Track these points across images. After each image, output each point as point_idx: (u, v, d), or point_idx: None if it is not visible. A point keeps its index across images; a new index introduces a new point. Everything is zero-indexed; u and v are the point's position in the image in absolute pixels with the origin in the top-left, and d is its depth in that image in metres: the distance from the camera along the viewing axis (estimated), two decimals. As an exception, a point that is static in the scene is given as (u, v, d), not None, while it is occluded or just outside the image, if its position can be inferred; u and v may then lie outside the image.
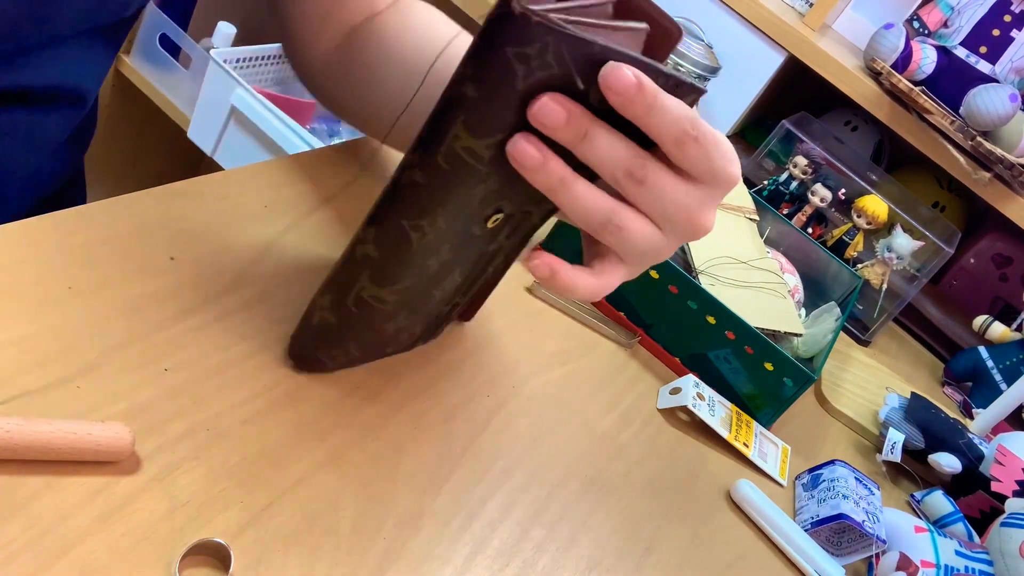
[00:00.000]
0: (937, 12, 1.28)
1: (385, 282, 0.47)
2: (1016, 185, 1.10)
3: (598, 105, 0.39)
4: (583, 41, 0.37)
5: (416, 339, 0.55)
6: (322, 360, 0.52)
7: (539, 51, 0.37)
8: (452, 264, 0.48)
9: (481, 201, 0.44)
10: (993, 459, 0.78)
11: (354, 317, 0.48)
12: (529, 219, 0.49)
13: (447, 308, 0.53)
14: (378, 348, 0.53)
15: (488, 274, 0.54)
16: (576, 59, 0.38)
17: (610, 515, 0.58)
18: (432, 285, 0.49)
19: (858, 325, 1.09)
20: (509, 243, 0.50)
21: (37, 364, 0.43)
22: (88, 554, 0.37)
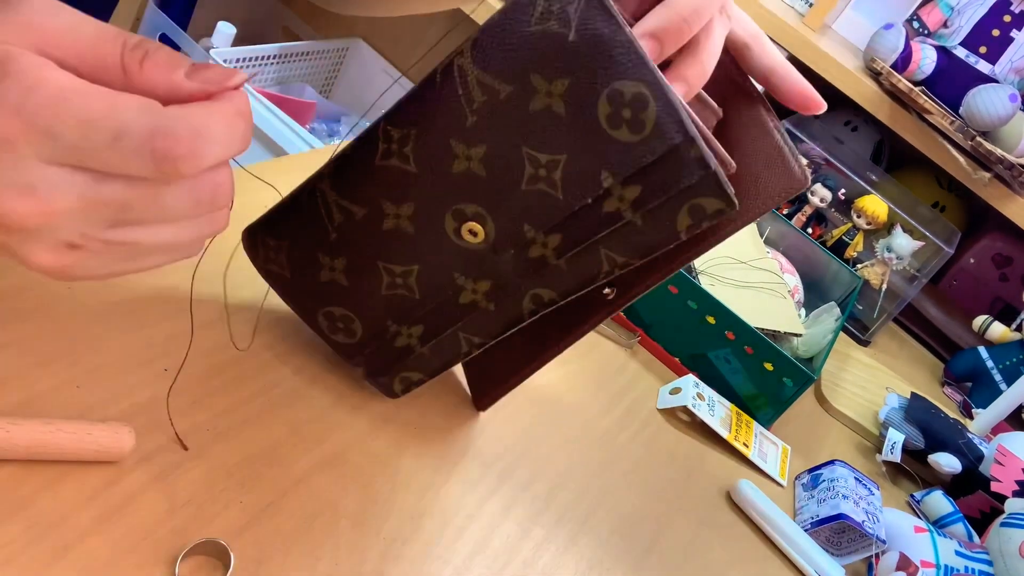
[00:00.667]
0: (937, 12, 1.28)
1: (337, 187, 0.45)
2: (1016, 185, 1.10)
3: None
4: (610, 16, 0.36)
5: (355, 346, 0.50)
6: (257, 242, 0.49)
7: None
8: (411, 246, 0.44)
9: (460, 179, 0.41)
10: (993, 459, 0.78)
11: (299, 207, 0.46)
12: (517, 302, 0.45)
13: (395, 331, 0.48)
14: (310, 292, 0.48)
15: (458, 350, 0.49)
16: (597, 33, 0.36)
17: (610, 515, 0.58)
18: (381, 251, 0.45)
19: (858, 325, 1.09)
20: (486, 312, 0.46)
21: (37, 364, 0.43)
22: (88, 554, 0.37)
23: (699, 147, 0.37)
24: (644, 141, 0.37)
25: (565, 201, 0.40)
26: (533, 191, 0.41)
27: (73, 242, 0.33)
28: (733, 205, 0.38)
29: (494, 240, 0.43)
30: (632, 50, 0.36)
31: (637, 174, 0.38)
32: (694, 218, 0.39)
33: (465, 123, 0.40)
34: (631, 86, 0.36)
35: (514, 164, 0.40)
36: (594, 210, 0.40)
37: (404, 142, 0.41)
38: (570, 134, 0.38)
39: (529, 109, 0.38)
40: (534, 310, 0.46)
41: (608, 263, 0.42)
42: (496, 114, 0.39)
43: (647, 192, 0.39)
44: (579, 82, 0.37)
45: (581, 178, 0.39)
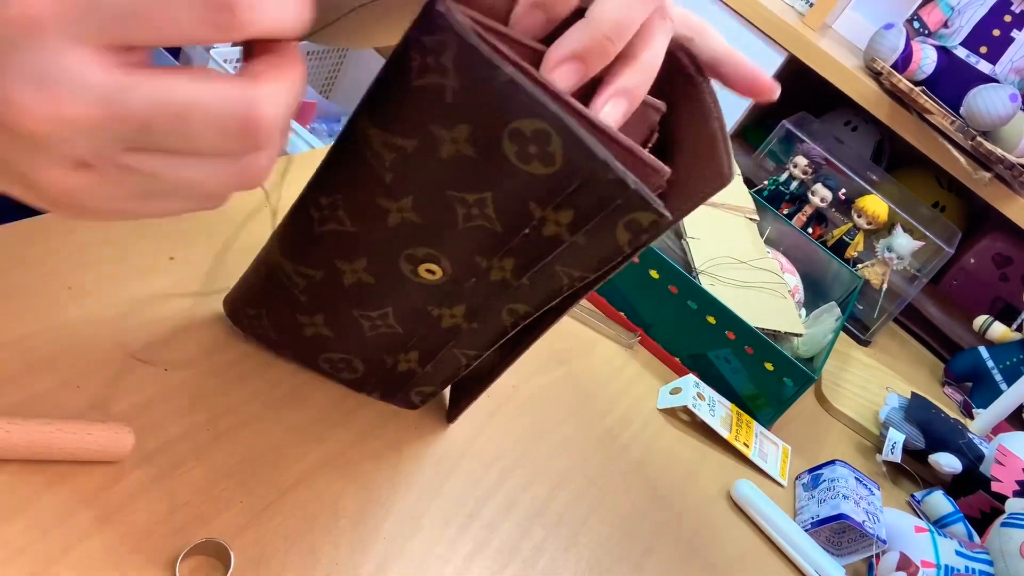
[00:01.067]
0: (937, 12, 1.28)
1: (288, 253, 0.45)
2: (1016, 185, 1.10)
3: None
4: (484, 59, 0.33)
5: (362, 380, 0.51)
6: (239, 312, 0.49)
7: (436, 45, 0.34)
8: (377, 292, 0.45)
9: (399, 229, 0.41)
10: (993, 459, 0.78)
11: (264, 281, 0.47)
12: (497, 318, 0.46)
13: (392, 361, 0.50)
14: (301, 345, 0.50)
15: (459, 363, 0.50)
16: (476, 77, 0.34)
17: (610, 515, 0.58)
18: (352, 302, 0.46)
19: (858, 325, 1.09)
20: (471, 330, 0.47)
21: (37, 364, 0.43)
22: (88, 554, 0.37)
23: (614, 170, 0.36)
24: (559, 172, 0.37)
25: (505, 233, 0.40)
26: (472, 227, 0.40)
27: (85, 160, 0.29)
28: (664, 216, 0.38)
29: (452, 274, 0.43)
30: (518, 90, 0.34)
31: (564, 201, 0.38)
32: (632, 232, 0.39)
33: (384, 181, 0.39)
34: (528, 123, 0.35)
35: (445, 207, 0.40)
36: (536, 236, 0.40)
37: (334, 207, 0.41)
38: (487, 173, 0.38)
39: (440, 157, 0.38)
40: (515, 322, 0.46)
41: (567, 278, 0.42)
42: (410, 167, 0.38)
43: (579, 216, 0.38)
44: (478, 127, 0.36)
45: (512, 210, 0.39)
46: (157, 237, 0.54)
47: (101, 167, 0.29)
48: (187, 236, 0.56)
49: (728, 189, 0.96)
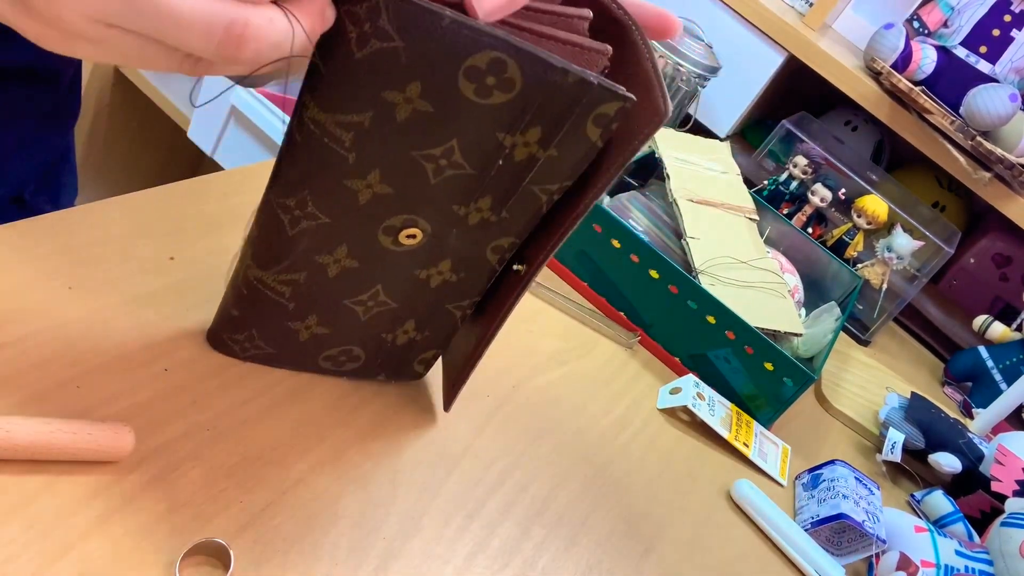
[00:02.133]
0: (937, 12, 1.28)
1: (266, 265, 0.44)
2: (1016, 185, 1.10)
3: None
4: (423, 9, 0.33)
5: (366, 366, 0.52)
6: (225, 342, 0.49)
7: (369, 12, 0.34)
8: (363, 275, 0.45)
9: (373, 204, 0.41)
10: (993, 459, 0.78)
11: (247, 300, 0.46)
12: (482, 260, 0.46)
13: (391, 337, 0.50)
14: (299, 352, 0.50)
15: (454, 318, 0.50)
16: (416, 32, 0.34)
17: (610, 515, 0.58)
18: (341, 293, 0.46)
19: (858, 325, 1.09)
20: (460, 280, 0.47)
21: (37, 364, 0.43)
22: (88, 554, 0.37)
23: (574, 72, 0.36)
24: (520, 94, 0.37)
25: (477, 173, 0.41)
26: (444, 179, 0.41)
27: None
28: (629, 99, 0.38)
29: (432, 231, 0.43)
30: (463, 27, 0.34)
31: (530, 120, 0.38)
32: (601, 125, 0.39)
33: (348, 162, 0.39)
34: (481, 57, 0.35)
35: (414, 169, 0.40)
36: (508, 164, 0.41)
37: (303, 205, 0.41)
38: (448, 122, 0.38)
39: (398, 121, 0.38)
40: (501, 258, 0.47)
41: (545, 195, 0.43)
42: (371, 141, 0.38)
43: (547, 129, 0.39)
44: (430, 78, 0.36)
45: (481, 149, 0.40)
46: (157, 237, 0.54)
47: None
48: (187, 236, 0.56)
49: (728, 189, 0.96)
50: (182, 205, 0.58)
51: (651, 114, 0.38)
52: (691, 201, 0.90)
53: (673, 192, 0.90)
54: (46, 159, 0.71)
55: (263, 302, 0.46)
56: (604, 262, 0.78)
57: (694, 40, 1.16)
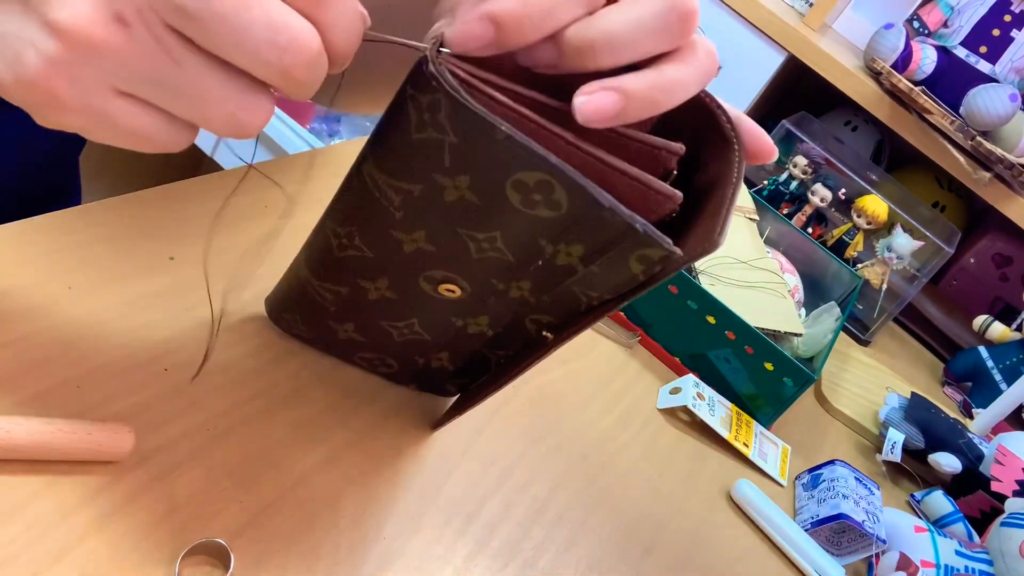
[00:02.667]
0: (937, 12, 1.28)
1: (315, 272, 0.46)
2: (1016, 185, 1.10)
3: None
4: (479, 117, 0.33)
5: (398, 374, 0.53)
6: (278, 314, 0.52)
7: (430, 104, 0.34)
8: (401, 307, 0.46)
9: (415, 255, 0.42)
10: (993, 459, 0.78)
11: (296, 292, 0.48)
12: (520, 326, 0.46)
13: (424, 360, 0.51)
14: (336, 346, 0.52)
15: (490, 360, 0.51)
16: (470, 135, 0.34)
17: (610, 515, 0.58)
18: (378, 314, 0.47)
19: (858, 325, 1.09)
20: (498, 335, 0.48)
21: (37, 364, 0.43)
22: (88, 554, 0.37)
23: (621, 214, 0.36)
24: (566, 215, 0.37)
25: (518, 262, 0.41)
26: (485, 258, 0.41)
27: (123, 14, 0.27)
28: (674, 252, 0.37)
29: (471, 292, 0.44)
30: (516, 145, 0.34)
31: (573, 237, 0.38)
32: (644, 264, 0.39)
33: (395, 217, 0.40)
34: (530, 175, 0.35)
35: (457, 241, 0.40)
36: (549, 266, 0.40)
37: (351, 237, 0.43)
38: (493, 216, 0.38)
39: (445, 200, 0.38)
40: (539, 329, 0.46)
41: (585, 297, 0.43)
42: (418, 208, 0.39)
43: (590, 250, 0.39)
44: (479, 177, 0.36)
45: (523, 245, 0.39)
46: (157, 237, 0.54)
47: (135, 29, 0.28)
48: (187, 236, 0.56)
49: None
50: (182, 205, 0.58)
51: (703, 240, 0.37)
52: (691, 201, 0.90)
53: (673, 192, 0.90)
54: (56, 177, 0.71)
55: (308, 299, 0.48)
56: (604, 262, 0.78)
57: (694, 40, 1.16)
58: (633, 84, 0.33)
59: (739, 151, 0.39)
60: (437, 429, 0.55)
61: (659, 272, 0.39)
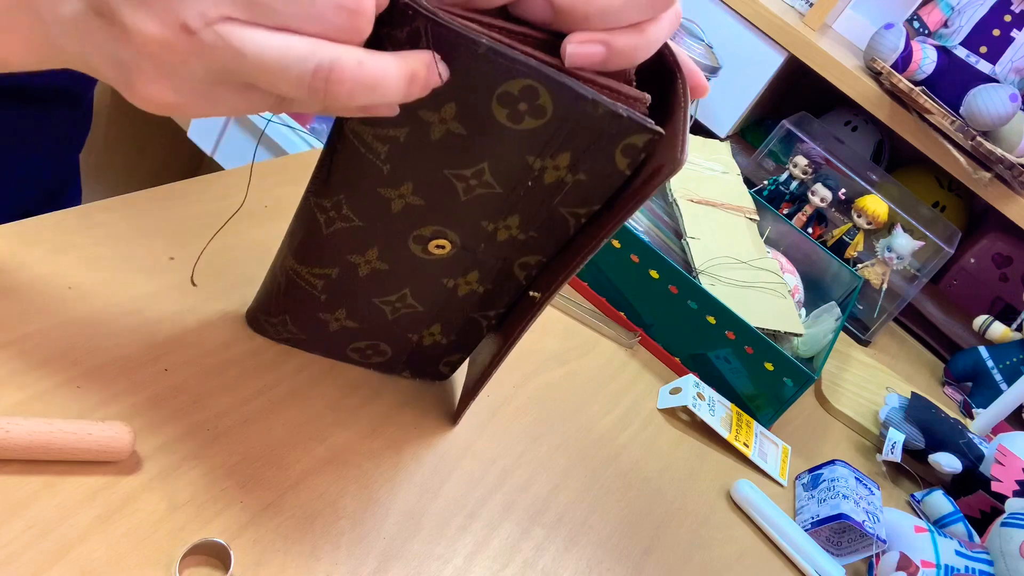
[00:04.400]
0: (937, 12, 1.28)
1: (303, 260, 0.47)
2: (1016, 185, 1.10)
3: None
4: (461, 35, 0.34)
5: (392, 362, 0.54)
6: (261, 323, 0.52)
7: (410, 35, 0.35)
8: (392, 277, 0.47)
9: (404, 213, 0.42)
10: (993, 459, 0.78)
11: (282, 288, 0.49)
12: (509, 275, 0.47)
13: (417, 338, 0.52)
14: (327, 341, 0.52)
15: (480, 326, 0.52)
16: (456, 55, 0.35)
17: (610, 515, 0.58)
18: (370, 291, 0.48)
19: (858, 325, 1.09)
20: (488, 291, 0.49)
21: (37, 364, 0.43)
22: (88, 554, 0.37)
23: (604, 104, 0.37)
24: (551, 121, 0.38)
25: (506, 193, 0.42)
26: (473, 197, 0.42)
27: (187, 22, 0.30)
28: (659, 132, 0.39)
29: (461, 244, 0.45)
30: (499, 56, 0.35)
31: (560, 145, 0.39)
32: (629, 155, 0.40)
33: (383, 172, 0.41)
34: (515, 84, 0.36)
35: (445, 185, 0.41)
36: (537, 186, 0.42)
37: (339, 207, 0.43)
38: (480, 145, 0.39)
39: (432, 140, 0.39)
40: (528, 275, 0.48)
41: (573, 217, 0.44)
42: (405, 155, 0.40)
43: (577, 155, 0.40)
44: (465, 101, 0.37)
45: (511, 171, 0.41)
46: (157, 237, 0.54)
47: (199, 33, 0.30)
48: (187, 236, 0.56)
49: (728, 189, 0.96)
50: (182, 205, 0.58)
51: (671, 161, 0.39)
52: (691, 201, 0.90)
53: (673, 192, 0.90)
54: (57, 177, 0.71)
55: (297, 291, 0.48)
56: (604, 262, 0.78)
57: (694, 40, 1.16)
58: (619, 41, 0.36)
59: (683, 79, 0.41)
60: (457, 421, 0.56)
61: (643, 161, 0.40)
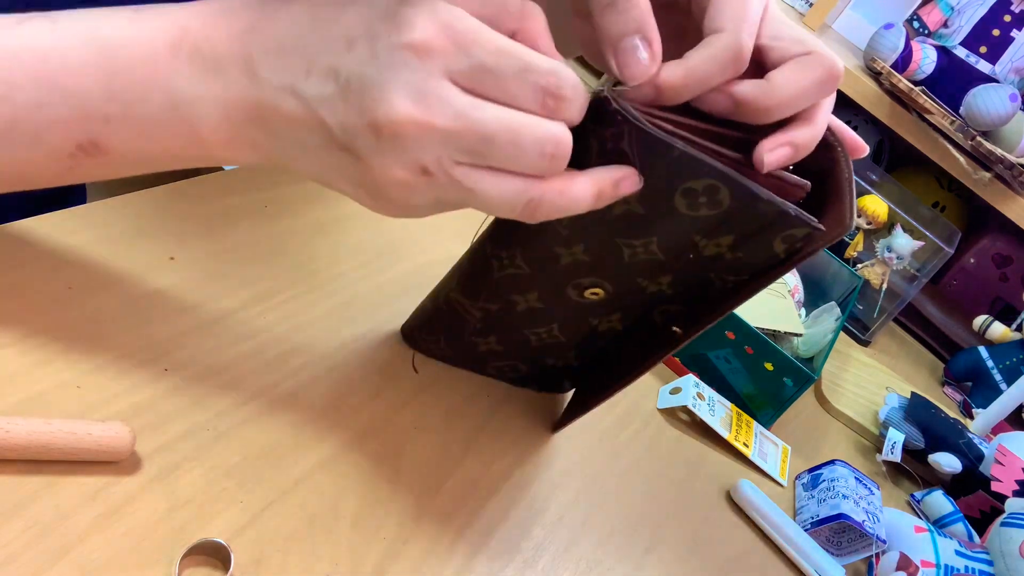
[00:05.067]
0: (937, 12, 1.28)
1: (467, 294, 0.51)
2: (1016, 185, 1.10)
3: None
4: (659, 140, 0.38)
5: (524, 377, 0.60)
6: (416, 339, 0.57)
7: (613, 136, 0.39)
8: (545, 314, 0.51)
9: (569, 266, 0.46)
10: (993, 459, 0.78)
11: (442, 313, 0.54)
12: (649, 318, 0.51)
13: (554, 362, 0.57)
14: (474, 359, 0.58)
15: (608, 354, 0.56)
16: (652, 155, 0.39)
17: (610, 515, 0.58)
18: (522, 324, 0.52)
19: (858, 325, 1.09)
20: (626, 330, 0.53)
21: (37, 364, 0.43)
22: (88, 554, 0.37)
23: (776, 203, 0.40)
24: (725, 212, 0.41)
25: (668, 260, 0.45)
26: (636, 261, 0.46)
27: (426, 166, 0.36)
28: (819, 228, 0.42)
29: (614, 293, 0.49)
30: (691, 159, 0.38)
31: (727, 230, 0.43)
32: (787, 243, 0.43)
33: (561, 235, 0.44)
34: (699, 183, 0.40)
35: (613, 249, 0.45)
36: (697, 258, 0.45)
37: (513, 258, 0.47)
38: (654, 223, 0.43)
39: (612, 215, 0.42)
40: (665, 320, 0.51)
41: (720, 282, 0.47)
42: (584, 224, 0.43)
43: (739, 238, 0.43)
44: (651, 191, 0.40)
45: (677, 245, 0.44)
46: (157, 237, 0.54)
47: (436, 174, 0.36)
48: (187, 236, 0.56)
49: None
50: (182, 205, 0.58)
51: (836, 224, 0.42)
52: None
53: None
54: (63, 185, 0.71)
55: (456, 319, 0.53)
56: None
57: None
58: (801, 139, 0.41)
59: (842, 150, 0.45)
60: (558, 431, 0.60)
61: (798, 249, 0.44)
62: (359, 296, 0.59)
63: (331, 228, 0.64)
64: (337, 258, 0.62)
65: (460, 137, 0.35)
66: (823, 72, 0.41)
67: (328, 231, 0.64)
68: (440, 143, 0.35)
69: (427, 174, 0.36)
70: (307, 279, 0.58)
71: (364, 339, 0.57)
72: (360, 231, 0.66)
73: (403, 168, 0.36)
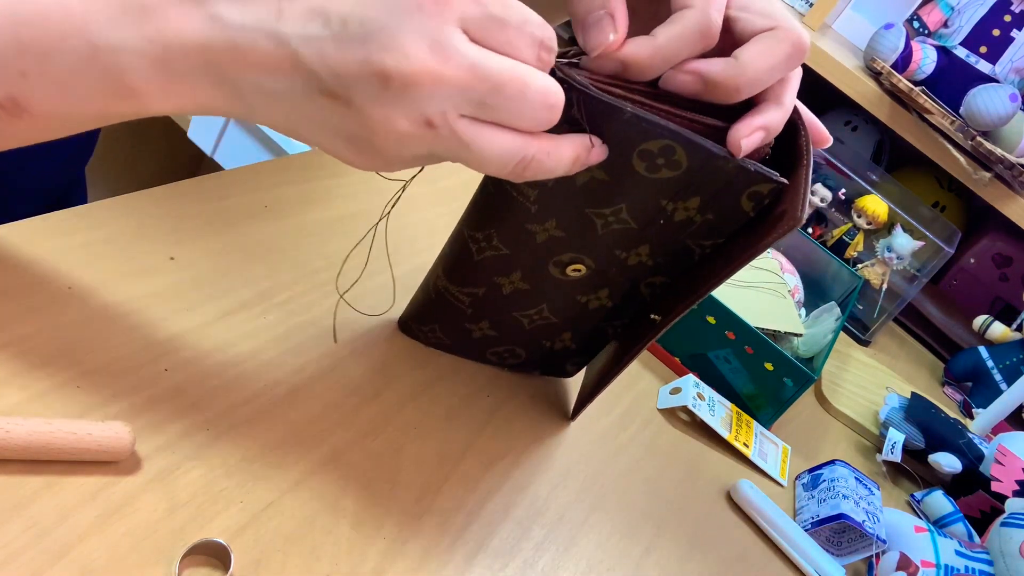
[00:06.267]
0: (937, 12, 1.28)
1: (453, 280, 0.53)
2: (1016, 185, 1.10)
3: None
4: (608, 105, 0.39)
5: (524, 363, 0.60)
6: (413, 330, 0.58)
7: (564, 104, 0.39)
8: (532, 295, 0.52)
9: (546, 243, 0.48)
10: (993, 459, 0.78)
11: (434, 302, 0.55)
12: (636, 292, 0.52)
13: (550, 344, 0.58)
14: (470, 346, 0.58)
15: (606, 333, 0.57)
16: (604, 121, 0.40)
17: (610, 515, 0.58)
18: (511, 307, 0.53)
19: (858, 325, 1.09)
20: (615, 306, 0.54)
21: (37, 364, 0.43)
22: (88, 554, 0.37)
23: (734, 159, 0.41)
24: (685, 172, 0.42)
25: (639, 228, 0.46)
26: (609, 231, 0.47)
27: (431, 118, 0.34)
28: (783, 183, 0.42)
29: (595, 268, 0.50)
30: (641, 121, 0.39)
31: (691, 192, 0.44)
32: (754, 200, 0.44)
33: (531, 211, 0.46)
34: (654, 143, 0.41)
35: (585, 221, 0.46)
36: (668, 223, 0.46)
37: (489, 239, 0.49)
38: (619, 189, 0.44)
39: (577, 185, 0.43)
40: (653, 292, 0.52)
41: (698, 248, 0.48)
42: (552, 197, 0.45)
43: (706, 199, 0.44)
44: (609, 157, 0.41)
45: (645, 210, 0.45)
46: (157, 237, 0.54)
47: (439, 127, 0.35)
48: (187, 236, 0.56)
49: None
50: (182, 205, 0.58)
51: (789, 218, 0.43)
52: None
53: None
54: (65, 187, 0.71)
55: (446, 305, 0.54)
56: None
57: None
58: (774, 122, 0.42)
59: (805, 136, 0.45)
60: (574, 419, 0.62)
61: (766, 206, 0.44)
62: (359, 296, 0.59)
63: (331, 228, 0.64)
64: (336, 258, 0.62)
65: (472, 88, 0.34)
66: (789, 47, 0.41)
67: (328, 231, 0.64)
68: (450, 95, 0.34)
69: (431, 127, 0.35)
70: (307, 279, 0.58)
71: (364, 339, 0.57)
72: (360, 231, 0.66)
73: (408, 120, 0.34)
